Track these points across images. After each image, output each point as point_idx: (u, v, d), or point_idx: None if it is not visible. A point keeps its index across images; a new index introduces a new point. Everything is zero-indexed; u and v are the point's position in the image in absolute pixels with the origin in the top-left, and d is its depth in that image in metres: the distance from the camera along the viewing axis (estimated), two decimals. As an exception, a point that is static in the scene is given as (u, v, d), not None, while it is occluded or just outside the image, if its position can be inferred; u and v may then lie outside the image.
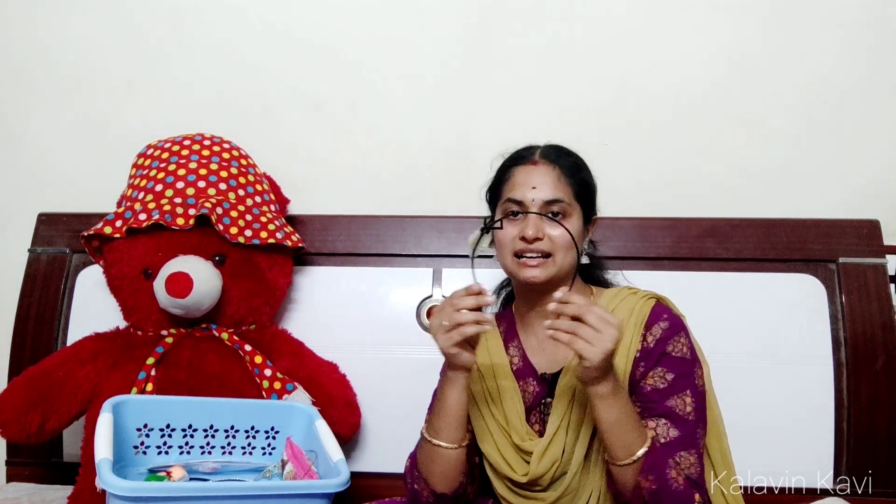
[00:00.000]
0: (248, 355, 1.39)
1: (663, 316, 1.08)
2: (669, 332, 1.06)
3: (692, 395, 1.03)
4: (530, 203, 1.08)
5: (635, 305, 1.10)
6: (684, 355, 1.05)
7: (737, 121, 1.69)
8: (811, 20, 1.68)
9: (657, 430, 1.01)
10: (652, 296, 1.12)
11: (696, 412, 1.02)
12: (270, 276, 1.48)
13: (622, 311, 1.09)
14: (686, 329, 1.09)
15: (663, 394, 1.03)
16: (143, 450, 1.23)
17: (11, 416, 1.30)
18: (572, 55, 1.73)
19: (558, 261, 1.07)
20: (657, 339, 1.05)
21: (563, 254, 1.07)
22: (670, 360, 1.04)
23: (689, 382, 1.04)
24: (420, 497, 1.12)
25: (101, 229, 1.41)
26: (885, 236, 1.54)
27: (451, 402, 1.05)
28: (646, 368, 1.05)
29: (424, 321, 1.58)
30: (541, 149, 1.15)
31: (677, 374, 1.03)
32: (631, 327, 1.07)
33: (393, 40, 1.76)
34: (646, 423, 1.01)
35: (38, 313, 1.63)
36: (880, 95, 1.67)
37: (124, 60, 1.81)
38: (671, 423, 1.01)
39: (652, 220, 1.60)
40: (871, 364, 1.47)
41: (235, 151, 1.53)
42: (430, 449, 1.08)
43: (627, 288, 1.16)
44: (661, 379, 1.03)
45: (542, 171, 1.10)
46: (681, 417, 1.01)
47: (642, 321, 1.07)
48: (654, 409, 1.02)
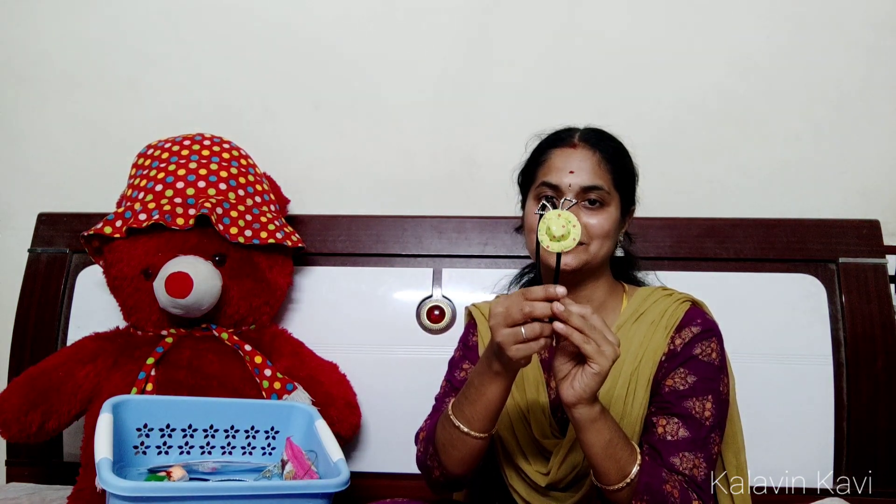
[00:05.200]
0: (248, 355, 1.39)
1: (696, 320, 1.03)
2: (701, 335, 1.02)
3: (713, 402, 0.98)
4: (567, 188, 1.01)
5: (668, 308, 1.05)
6: (712, 360, 1.01)
7: (737, 121, 1.70)
8: (812, 21, 1.68)
9: (666, 427, 0.96)
10: (687, 298, 1.08)
11: (715, 418, 0.98)
12: (270, 276, 1.48)
13: (654, 313, 1.05)
14: (719, 335, 1.04)
15: (682, 395, 0.98)
16: (143, 450, 1.23)
17: (11, 416, 1.30)
18: (572, 55, 1.73)
19: (592, 250, 1.02)
20: (685, 342, 1.01)
21: (598, 243, 1.02)
22: (696, 363, 1.00)
23: (713, 388, 0.99)
24: (431, 474, 1.07)
25: (101, 229, 1.41)
26: (885, 236, 1.54)
27: (492, 397, 0.95)
28: (669, 369, 1.01)
29: (424, 321, 1.58)
30: (581, 131, 1.08)
31: (700, 378, 0.99)
32: (661, 329, 1.03)
33: (393, 40, 1.76)
34: (657, 419, 0.98)
35: (38, 313, 1.63)
36: (881, 96, 1.67)
37: (124, 60, 1.81)
38: (683, 423, 0.96)
39: (651, 220, 1.59)
40: (871, 364, 1.47)
41: (235, 151, 1.53)
42: (456, 435, 0.99)
43: (662, 288, 1.12)
44: (683, 381, 0.99)
45: (581, 156, 1.03)
46: (696, 420, 0.96)
47: (673, 325, 1.03)
48: (669, 409, 0.98)
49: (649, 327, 1.04)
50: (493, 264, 1.61)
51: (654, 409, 1.00)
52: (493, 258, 1.61)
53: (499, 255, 1.60)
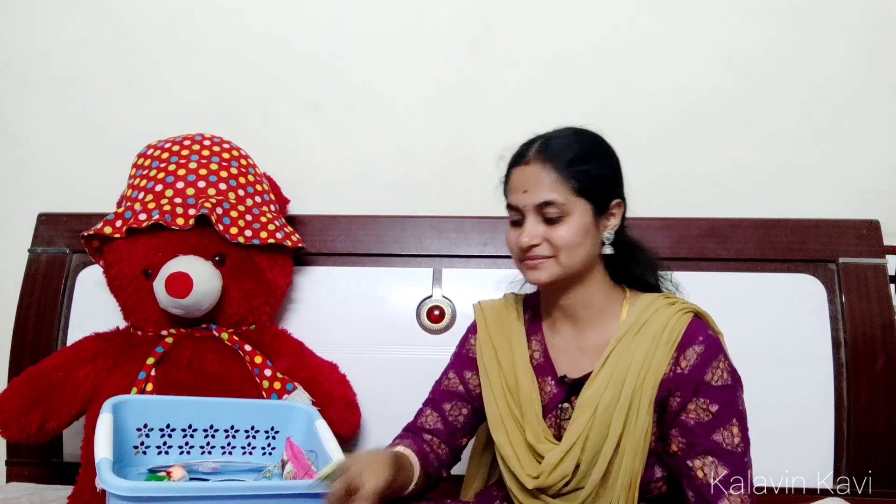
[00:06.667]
0: (248, 355, 1.39)
1: (699, 338, 1.00)
2: (706, 356, 0.98)
3: (738, 424, 0.97)
4: (524, 208, 1.02)
5: (669, 320, 1.01)
6: (725, 382, 0.98)
7: (737, 121, 1.69)
8: (812, 21, 1.68)
9: (704, 469, 0.96)
10: (689, 309, 1.03)
11: (744, 440, 0.97)
12: (270, 276, 1.48)
13: (656, 326, 1.01)
14: (723, 350, 1.01)
15: (708, 427, 0.97)
16: (143, 450, 1.23)
17: (11, 416, 1.30)
18: (573, 56, 1.72)
19: (563, 261, 1.01)
20: (692, 365, 0.98)
21: (567, 254, 1.01)
22: (711, 389, 0.98)
23: (734, 410, 0.98)
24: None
25: (101, 229, 1.41)
26: (885, 236, 1.54)
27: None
28: (683, 399, 0.98)
29: (424, 321, 1.58)
30: (537, 144, 1.05)
31: (721, 405, 0.97)
32: (662, 345, 1.00)
33: (393, 40, 1.76)
34: (692, 462, 0.97)
35: (38, 313, 1.63)
36: (881, 96, 1.67)
37: (124, 60, 1.81)
38: (719, 460, 0.96)
39: (651, 221, 1.59)
40: (871, 364, 1.47)
41: (235, 151, 1.53)
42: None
43: (664, 296, 1.07)
44: (705, 411, 0.97)
45: (533, 172, 1.02)
46: (729, 452, 0.96)
47: (675, 340, 1.00)
48: (700, 446, 0.96)
49: (651, 343, 1.01)
50: (493, 264, 1.61)
51: (683, 444, 0.98)
52: (493, 258, 1.61)
53: (499, 254, 1.60)
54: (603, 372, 1.01)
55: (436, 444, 1.15)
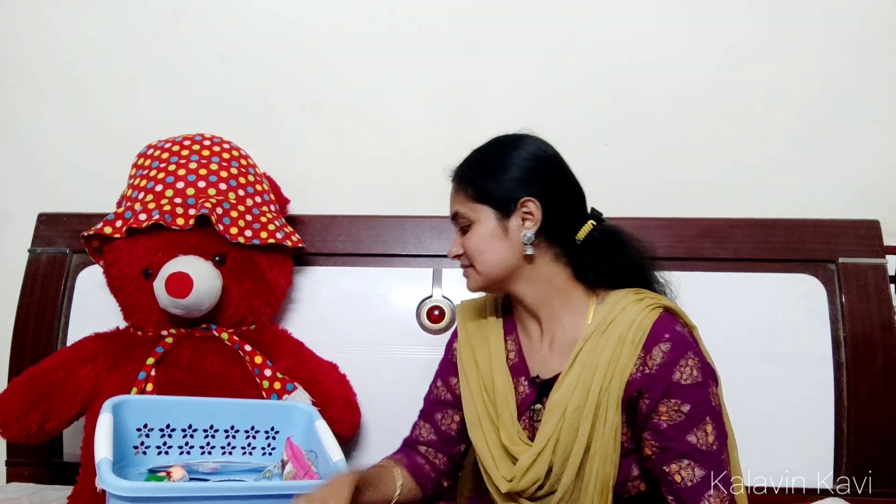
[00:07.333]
0: (248, 355, 1.39)
1: (664, 336, 0.97)
2: (673, 354, 0.96)
3: (712, 421, 0.95)
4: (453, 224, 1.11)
5: (635, 318, 0.98)
6: (696, 380, 0.95)
7: (735, 120, 1.69)
8: (811, 18, 1.68)
9: (681, 473, 0.94)
10: (657, 305, 1.00)
11: (719, 438, 0.95)
12: (270, 276, 1.48)
13: (622, 324, 0.99)
14: (692, 346, 0.98)
15: (681, 429, 0.95)
16: (143, 450, 1.23)
17: (11, 416, 1.30)
18: (570, 57, 1.73)
19: (479, 268, 1.06)
20: (659, 364, 0.96)
21: (478, 261, 1.05)
22: (681, 389, 0.95)
23: (707, 408, 0.96)
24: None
25: (101, 229, 1.41)
26: (885, 236, 1.54)
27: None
28: (653, 401, 0.96)
29: (424, 321, 1.58)
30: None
31: (693, 404, 0.95)
32: (628, 344, 0.97)
33: (394, 40, 1.76)
34: (668, 467, 0.95)
35: (38, 313, 1.63)
36: (880, 95, 1.67)
37: (124, 60, 1.82)
38: (695, 462, 0.94)
39: (649, 220, 1.59)
40: (871, 364, 1.47)
41: (235, 151, 1.53)
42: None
43: (634, 292, 1.03)
44: (677, 412, 0.95)
45: (451, 189, 1.12)
46: (704, 452, 0.94)
47: (640, 339, 0.97)
48: (674, 449, 0.94)
49: (617, 342, 0.99)
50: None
51: (657, 448, 0.96)
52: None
53: (499, 255, 1.60)
54: (571, 373, 1.01)
55: (431, 455, 1.17)
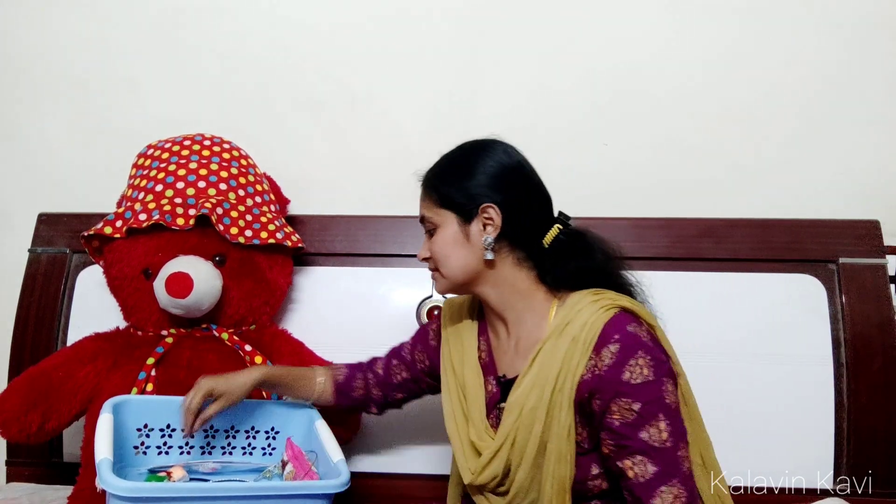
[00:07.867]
0: (248, 355, 1.39)
1: (614, 336, 0.96)
2: (622, 355, 0.95)
3: (666, 418, 0.95)
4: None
5: (588, 319, 0.98)
6: (646, 378, 0.95)
7: (735, 120, 1.69)
8: (811, 18, 1.68)
9: (634, 469, 0.94)
10: (613, 305, 1.00)
11: (673, 434, 0.95)
12: (270, 277, 1.48)
13: (576, 326, 0.99)
14: (644, 345, 0.97)
15: (633, 427, 0.95)
16: (144, 450, 1.23)
17: (11, 416, 1.30)
18: (570, 57, 1.73)
19: (443, 272, 1.08)
20: (608, 365, 0.96)
21: (442, 264, 1.08)
22: (632, 388, 0.95)
23: (660, 405, 0.95)
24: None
25: (101, 229, 1.41)
26: (885, 236, 1.54)
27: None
28: (604, 401, 0.96)
29: (424, 321, 1.58)
30: None
31: (644, 402, 0.94)
32: (580, 346, 0.97)
33: (393, 40, 1.76)
34: (622, 463, 0.96)
35: (38, 313, 1.63)
36: (880, 95, 1.67)
37: (124, 60, 1.81)
38: (647, 458, 0.94)
39: (648, 220, 1.60)
40: (870, 364, 1.47)
41: (235, 152, 1.53)
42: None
43: (592, 293, 1.03)
44: (629, 411, 0.95)
45: (420, 194, 1.13)
46: (657, 449, 0.94)
47: (591, 341, 0.97)
48: (629, 447, 0.95)
49: (570, 344, 0.99)
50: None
51: (613, 447, 0.97)
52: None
53: (499, 255, 1.60)
54: (529, 374, 1.02)
55: (372, 384, 1.29)
